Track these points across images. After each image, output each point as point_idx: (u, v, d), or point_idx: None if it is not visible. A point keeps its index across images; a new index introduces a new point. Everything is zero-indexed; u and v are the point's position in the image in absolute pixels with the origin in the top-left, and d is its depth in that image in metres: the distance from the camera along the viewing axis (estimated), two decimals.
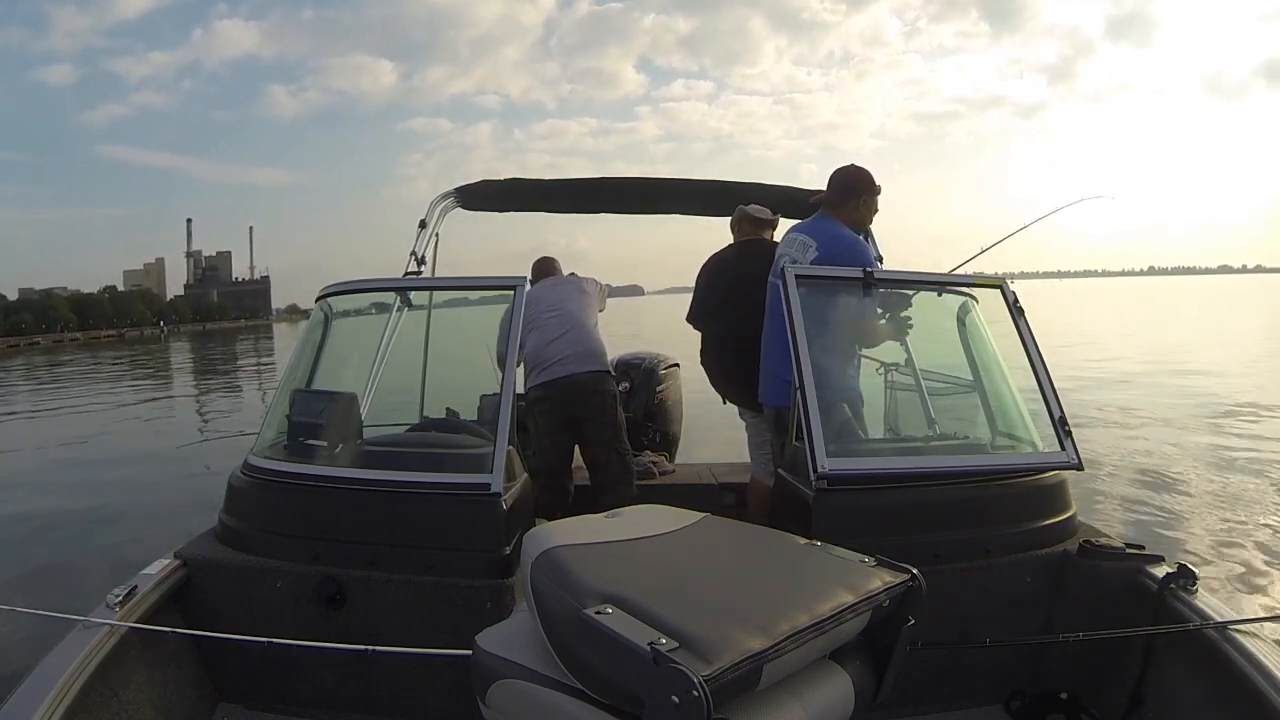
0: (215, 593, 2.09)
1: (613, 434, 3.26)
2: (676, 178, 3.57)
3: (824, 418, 2.10)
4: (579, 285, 3.47)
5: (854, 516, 2.01)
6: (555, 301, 3.33)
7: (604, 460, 3.27)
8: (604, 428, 3.23)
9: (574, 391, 3.15)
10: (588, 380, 3.17)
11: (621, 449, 3.30)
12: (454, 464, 2.29)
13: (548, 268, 3.66)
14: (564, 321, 3.25)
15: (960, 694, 2.05)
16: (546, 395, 3.18)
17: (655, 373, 4.39)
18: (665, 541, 1.40)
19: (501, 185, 3.53)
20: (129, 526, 6.08)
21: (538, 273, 3.63)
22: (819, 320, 2.30)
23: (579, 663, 1.12)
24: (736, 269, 3.09)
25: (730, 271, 3.12)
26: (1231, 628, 1.73)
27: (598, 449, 3.26)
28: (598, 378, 3.21)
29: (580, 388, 3.16)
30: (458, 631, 1.64)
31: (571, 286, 3.45)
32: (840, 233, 2.65)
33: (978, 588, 2.01)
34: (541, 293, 3.36)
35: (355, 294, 2.75)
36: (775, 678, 1.11)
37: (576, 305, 3.34)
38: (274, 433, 2.45)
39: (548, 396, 3.18)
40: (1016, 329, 2.36)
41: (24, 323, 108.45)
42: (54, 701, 1.53)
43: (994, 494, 2.10)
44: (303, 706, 2.05)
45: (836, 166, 2.80)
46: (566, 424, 3.20)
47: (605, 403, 3.24)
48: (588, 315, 3.36)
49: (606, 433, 3.24)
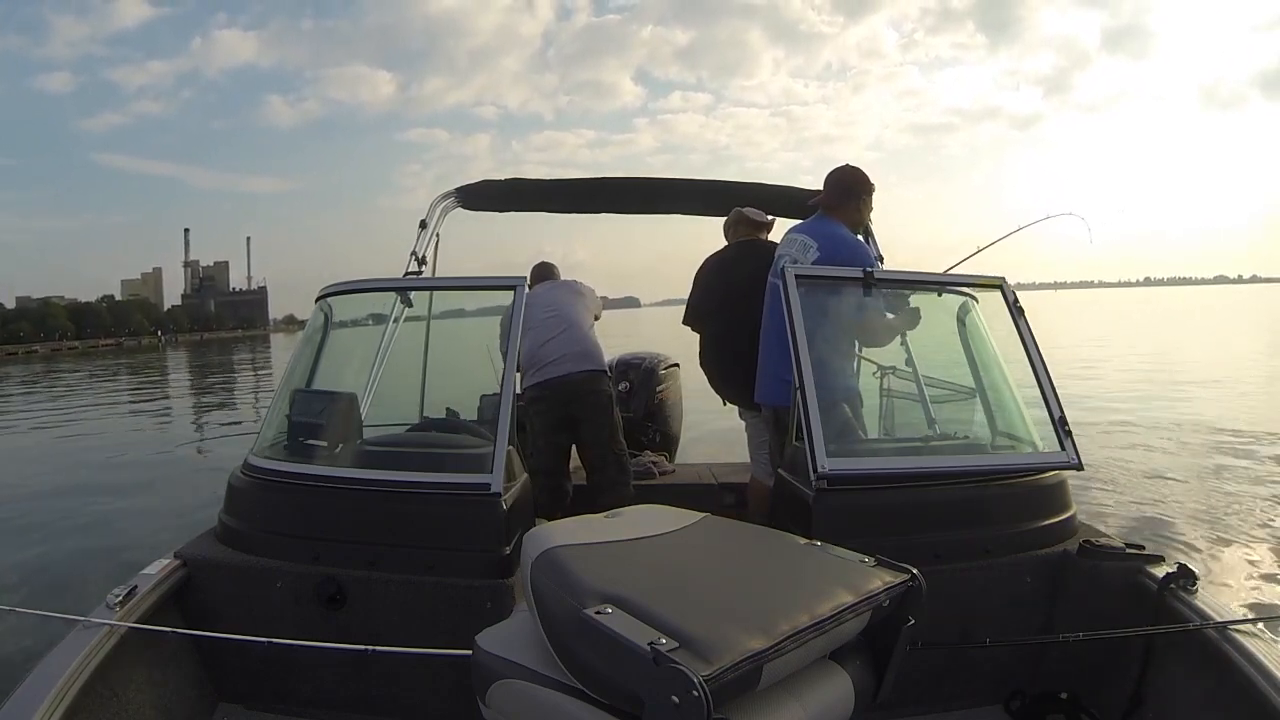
0: (215, 593, 2.09)
1: (609, 434, 3.26)
2: (677, 178, 3.57)
3: (824, 418, 2.10)
4: (575, 288, 3.50)
5: (854, 516, 2.01)
6: (551, 303, 3.34)
7: (600, 460, 3.27)
8: (600, 428, 3.23)
9: (570, 392, 3.15)
10: (583, 380, 3.17)
11: (618, 449, 3.30)
12: (454, 464, 2.30)
13: (545, 272, 3.68)
14: (559, 322, 3.26)
15: (960, 694, 2.05)
16: (542, 395, 3.18)
17: (655, 373, 4.39)
18: (665, 541, 1.40)
19: (502, 185, 3.53)
20: (129, 526, 6.09)
21: (536, 276, 3.64)
22: (819, 320, 2.30)
23: (579, 663, 1.12)
24: (735, 269, 3.09)
25: (728, 272, 3.12)
26: (1231, 628, 1.72)
27: (594, 449, 3.26)
28: (593, 377, 3.22)
29: (576, 388, 3.16)
30: (458, 631, 1.64)
31: (567, 289, 3.48)
32: (840, 234, 2.65)
33: (978, 588, 2.01)
34: (538, 295, 3.36)
35: (355, 294, 2.75)
36: (775, 678, 1.11)
37: (572, 307, 3.35)
38: (274, 433, 2.45)
39: (543, 397, 3.18)
40: (1016, 329, 2.36)
41: (22, 331, 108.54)
42: (54, 701, 1.53)
43: (994, 494, 2.10)
44: (303, 706, 2.05)
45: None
46: (562, 424, 3.20)
47: (601, 403, 3.24)
48: (583, 316, 3.37)
49: (603, 433, 3.24)
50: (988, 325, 2.56)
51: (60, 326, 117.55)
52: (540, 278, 3.63)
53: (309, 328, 2.76)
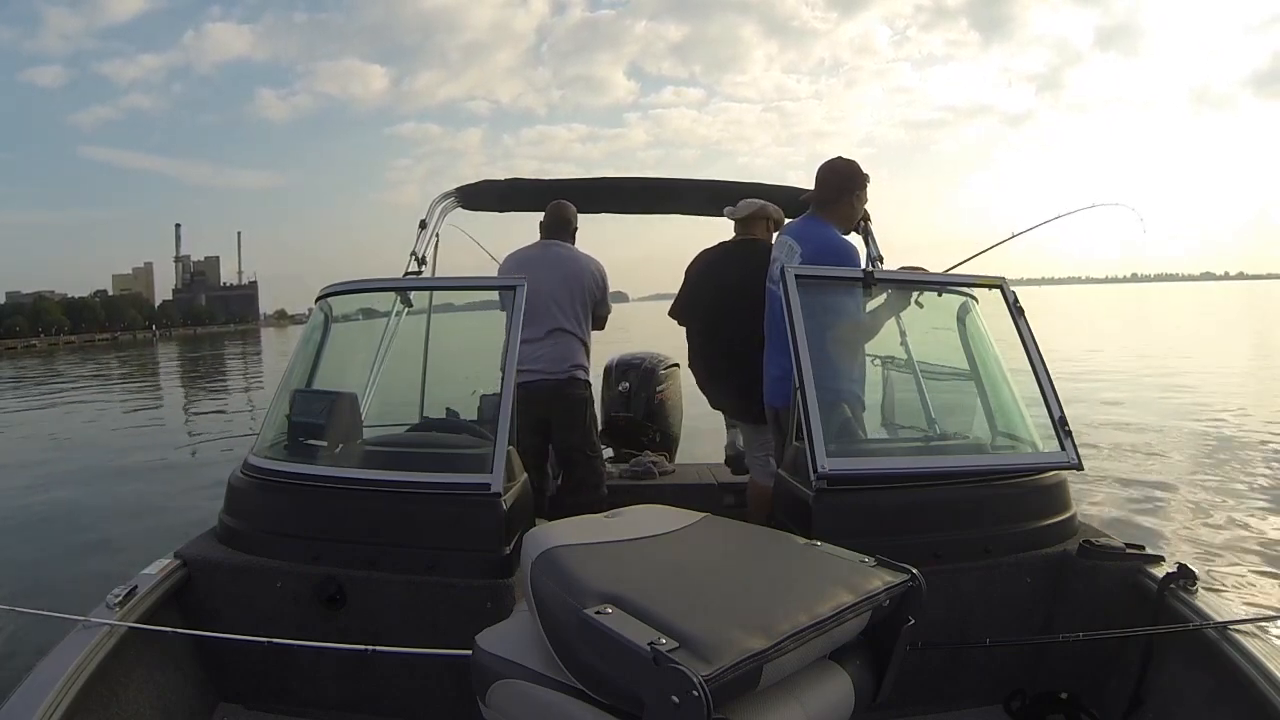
0: (215, 593, 2.09)
1: (580, 437, 3.20)
2: (676, 178, 3.57)
3: (824, 418, 2.10)
4: (578, 278, 3.21)
5: (854, 516, 2.01)
6: (544, 291, 3.04)
7: (572, 462, 3.23)
8: (571, 430, 3.17)
9: (546, 394, 3.08)
10: (558, 385, 3.10)
11: (591, 451, 3.25)
12: (454, 464, 2.29)
13: (559, 226, 3.27)
14: (546, 320, 3.11)
15: (960, 694, 2.05)
16: (519, 397, 3.11)
17: (655, 373, 4.39)
18: (665, 541, 1.40)
19: (502, 185, 3.52)
20: (129, 526, 6.09)
21: (549, 224, 3.29)
22: (819, 320, 2.29)
23: (579, 663, 1.12)
24: (728, 268, 3.04)
25: (721, 270, 3.07)
26: (1231, 628, 1.72)
27: (566, 451, 3.21)
28: (569, 382, 3.13)
29: (550, 391, 3.09)
30: (458, 631, 1.64)
31: (567, 279, 3.19)
32: (827, 236, 2.60)
33: (978, 588, 2.01)
34: (536, 263, 3.14)
35: (355, 294, 2.75)
36: (775, 678, 1.11)
37: (565, 302, 3.16)
38: (274, 432, 2.45)
39: (520, 398, 3.11)
40: (1016, 329, 2.36)
41: (18, 325, 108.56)
42: (54, 701, 1.52)
43: (994, 494, 2.10)
44: (303, 706, 2.05)
45: None
46: (538, 426, 3.12)
47: (574, 406, 3.17)
48: (574, 313, 3.19)
49: (573, 436, 3.18)
50: (988, 325, 2.56)
51: (55, 321, 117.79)
52: (551, 230, 3.28)
53: (308, 327, 2.76)
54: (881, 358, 2.91)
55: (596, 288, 3.24)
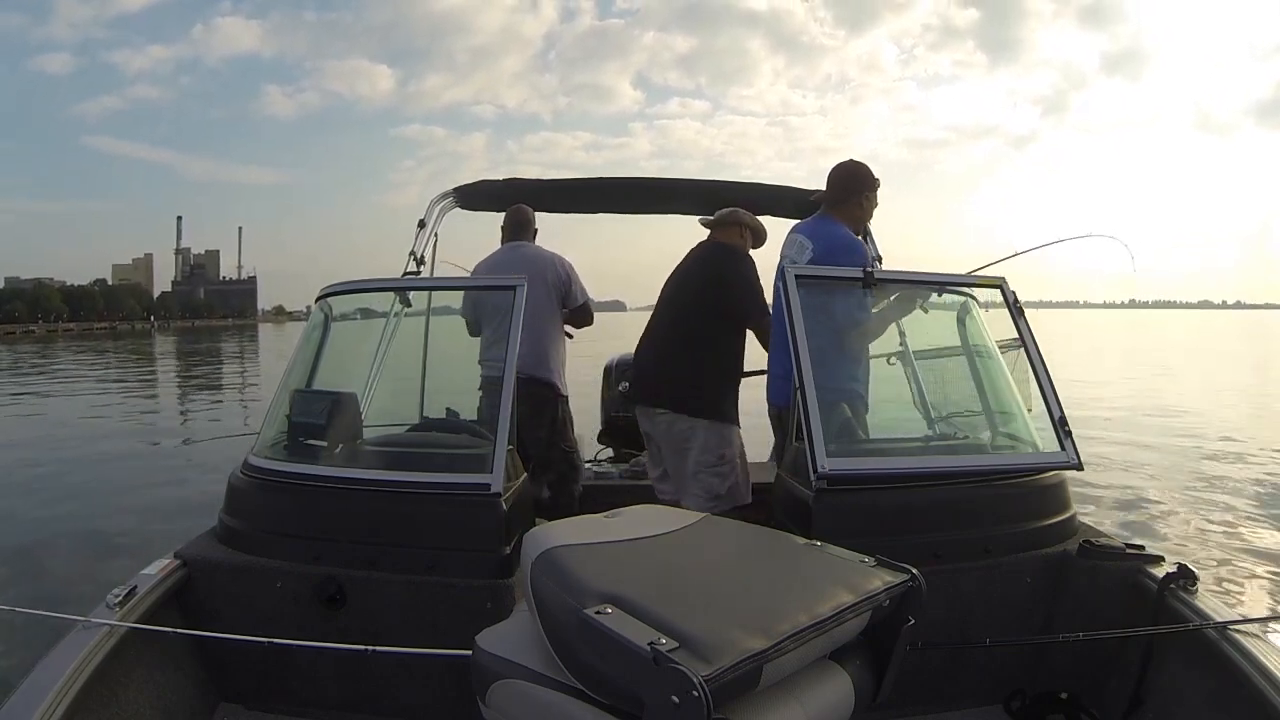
0: (215, 593, 2.09)
1: (548, 434, 3.22)
2: (676, 178, 3.56)
3: (825, 417, 2.10)
4: (543, 277, 3.22)
5: (854, 516, 2.01)
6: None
7: (547, 459, 3.24)
8: (538, 426, 3.17)
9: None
10: (524, 383, 2.99)
11: (567, 446, 3.28)
12: (454, 464, 2.29)
13: (519, 228, 3.35)
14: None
15: (960, 694, 2.05)
16: (485, 393, 3.03)
17: None
18: (665, 541, 1.40)
19: (500, 185, 3.52)
20: (129, 526, 6.08)
21: (509, 227, 3.37)
22: (819, 320, 2.30)
23: (579, 663, 1.12)
24: (683, 265, 2.98)
25: (682, 269, 2.99)
26: (1231, 628, 1.72)
27: (534, 446, 3.17)
28: (529, 380, 3.05)
29: (518, 390, 3.05)
30: (458, 631, 1.64)
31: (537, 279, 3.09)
32: (838, 234, 2.63)
33: (978, 588, 2.01)
34: (502, 267, 3.18)
35: (355, 294, 2.75)
36: (775, 678, 1.11)
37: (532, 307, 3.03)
38: (274, 432, 2.45)
39: (485, 394, 3.04)
40: (1016, 329, 2.36)
41: (17, 311, 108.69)
42: (54, 701, 1.52)
43: (994, 494, 2.10)
44: (303, 706, 2.05)
45: None
46: None
47: (540, 403, 3.17)
48: (544, 317, 3.19)
49: (539, 430, 3.19)
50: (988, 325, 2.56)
51: (55, 308, 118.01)
52: (513, 232, 3.36)
53: (308, 327, 2.76)
54: (886, 352, 2.90)
55: (560, 281, 3.34)
